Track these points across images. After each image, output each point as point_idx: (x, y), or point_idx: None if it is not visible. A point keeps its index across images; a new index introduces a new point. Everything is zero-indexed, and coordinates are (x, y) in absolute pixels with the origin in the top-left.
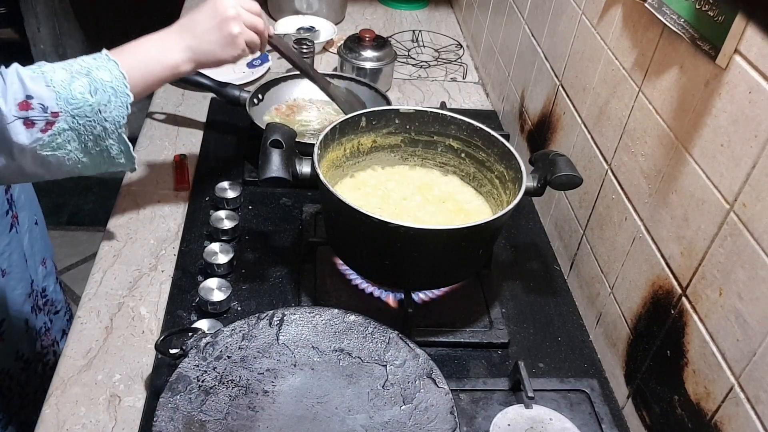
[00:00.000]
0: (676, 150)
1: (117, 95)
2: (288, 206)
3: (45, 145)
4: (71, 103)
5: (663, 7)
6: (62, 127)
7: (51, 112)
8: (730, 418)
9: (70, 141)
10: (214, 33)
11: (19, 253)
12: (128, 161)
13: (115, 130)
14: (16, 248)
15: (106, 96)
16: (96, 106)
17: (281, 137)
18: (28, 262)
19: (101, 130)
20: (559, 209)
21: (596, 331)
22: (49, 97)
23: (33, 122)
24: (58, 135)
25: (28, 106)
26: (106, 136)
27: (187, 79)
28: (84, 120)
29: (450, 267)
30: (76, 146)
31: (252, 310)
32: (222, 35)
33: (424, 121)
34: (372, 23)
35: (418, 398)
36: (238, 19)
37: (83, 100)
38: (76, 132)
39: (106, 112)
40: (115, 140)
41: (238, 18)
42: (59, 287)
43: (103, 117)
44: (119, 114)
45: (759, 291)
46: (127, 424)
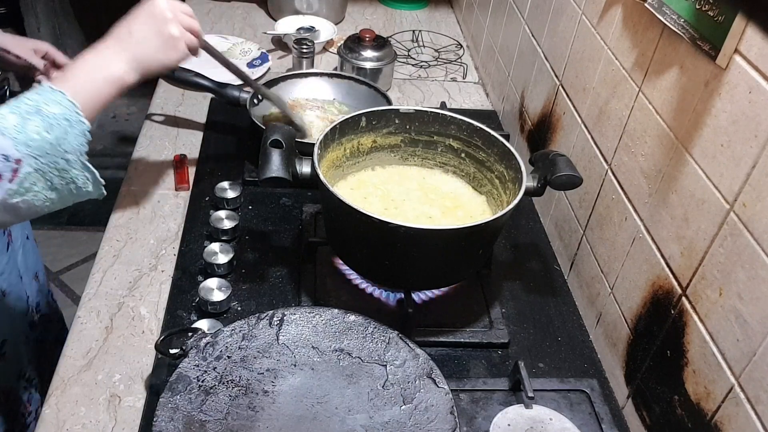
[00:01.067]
0: (676, 150)
1: (72, 125)
2: (288, 206)
3: (14, 193)
4: (30, 146)
5: (663, 7)
6: (27, 171)
7: (14, 159)
8: (730, 418)
9: (36, 182)
10: (154, 38)
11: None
12: (96, 188)
13: (77, 160)
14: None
15: (62, 129)
16: (54, 141)
17: (281, 137)
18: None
19: (64, 163)
20: (559, 209)
21: (596, 331)
22: (7, 145)
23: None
24: (25, 179)
25: None
26: (70, 168)
27: (186, 80)
28: (46, 158)
29: (450, 267)
30: (43, 185)
31: (252, 310)
32: (163, 39)
33: (424, 121)
34: (372, 23)
35: (418, 398)
36: (176, 21)
37: (41, 139)
38: (40, 172)
39: (65, 144)
40: (79, 170)
41: (175, 20)
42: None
43: (63, 150)
44: (78, 143)
45: (759, 291)
46: (127, 424)
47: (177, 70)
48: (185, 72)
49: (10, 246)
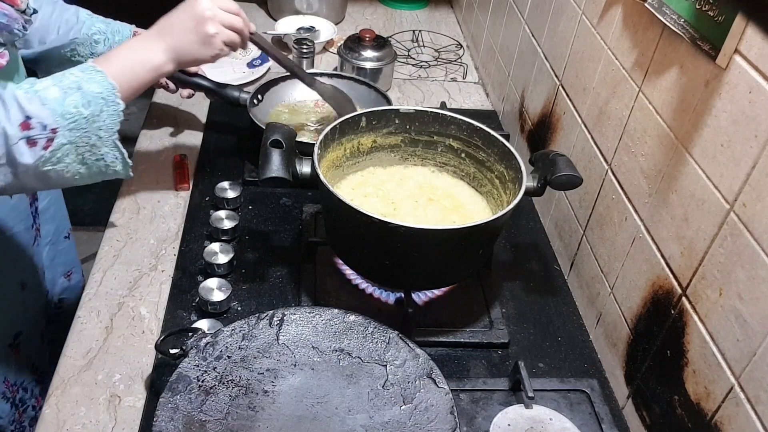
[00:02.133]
0: (676, 150)
1: (108, 104)
2: (288, 206)
3: (47, 161)
4: (67, 118)
5: (663, 7)
6: (61, 142)
7: (50, 129)
8: (730, 418)
9: (69, 154)
10: (191, 34)
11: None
12: (124, 168)
13: (109, 138)
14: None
15: (98, 107)
16: (90, 117)
17: (281, 137)
18: (45, 274)
19: (96, 139)
20: (559, 209)
21: (596, 331)
22: (46, 115)
23: (35, 141)
24: (58, 150)
25: (28, 126)
26: (101, 145)
27: (186, 81)
28: (80, 132)
29: (450, 267)
30: (74, 158)
31: (252, 310)
32: (199, 36)
33: (424, 121)
34: (372, 23)
35: (418, 398)
36: (215, 20)
37: (78, 113)
38: (73, 145)
39: (99, 121)
40: (110, 148)
41: (214, 18)
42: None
43: (97, 127)
44: (112, 122)
45: (759, 291)
46: (127, 424)
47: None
48: (184, 73)
49: (38, 241)
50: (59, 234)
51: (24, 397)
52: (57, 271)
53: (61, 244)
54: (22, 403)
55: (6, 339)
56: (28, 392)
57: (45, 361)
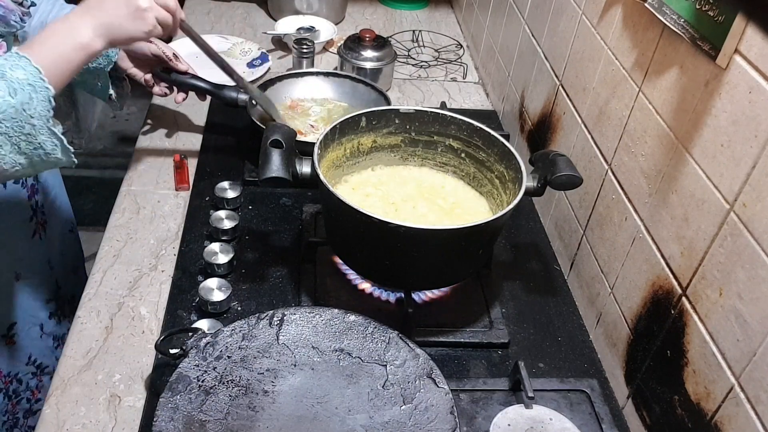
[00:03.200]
0: (676, 150)
1: (36, 90)
2: (288, 206)
3: None
4: None
5: (663, 7)
6: None
7: None
8: (730, 418)
9: (3, 145)
10: (121, 7)
11: (42, 259)
12: (65, 154)
13: (43, 126)
14: (38, 254)
15: (26, 94)
16: (18, 106)
17: (281, 137)
18: (54, 269)
19: (30, 128)
20: (559, 209)
21: (596, 331)
22: None
23: None
24: None
25: None
26: (37, 134)
27: (183, 82)
28: (11, 122)
29: (450, 267)
30: (10, 149)
31: (252, 310)
32: (130, 9)
33: (424, 121)
34: (372, 23)
35: (418, 398)
36: None
37: (5, 103)
38: (5, 135)
39: (30, 110)
40: (46, 136)
41: None
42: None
43: (28, 115)
44: (43, 108)
45: (759, 291)
46: (127, 424)
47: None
48: (182, 75)
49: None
50: (65, 229)
51: (18, 389)
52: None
53: (67, 239)
54: (15, 395)
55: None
56: (22, 384)
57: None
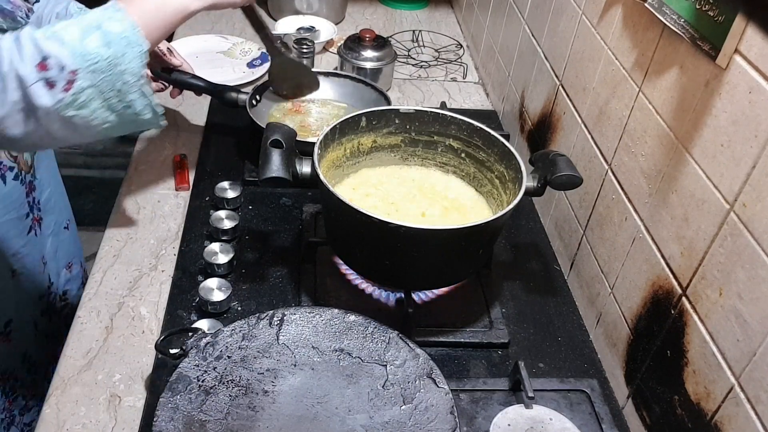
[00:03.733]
0: (676, 150)
1: (131, 45)
2: (288, 206)
3: (68, 105)
4: (87, 59)
5: (663, 7)
6: (82, 86)
7: (69, 70)
8: (730, 418)
9: (93, 99)
10: None
11: (37, 256)
12: (154, 116)
13: (135, 83)
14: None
15: (120, 48)
16: (113, 59)
17: (281, 137)
18: (47, 264)
19: (122, 84)
20: (559, 209)
21: (596, 331)
22: (65, 55)
23: (53, 83)
24: (80, 93)
25: (45, 66)
26: (128, 90)
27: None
28: (102, 75)
29: (450, 267)
30: (100, 104)
31: (252, 310)
32: None
33: (424, 121)
34: (372, 23)
35: (418, 398)
36: None
37: (98, 54)
38: (97, 89)
39: (123, 64)
40: (137, 94)
41: None
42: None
43: (121, 70)
44: (136, 65)
45: (759, 291)
46: (127, 424)
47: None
48: (182, 74)
49: (36, 231)
50: (59, 225)
51: (15, 386)
52: (60, 263)
53: (61, 235)
54: (12, 392)
55: None
56: (19, 381)
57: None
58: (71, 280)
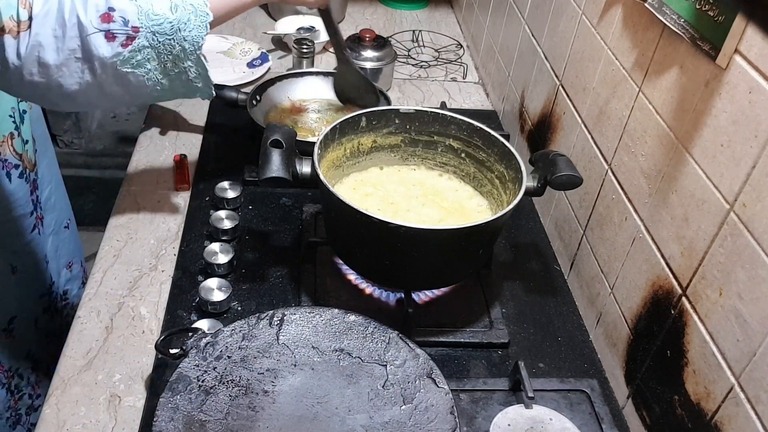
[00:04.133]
0: (677, 150)
1: (197, 14)
2: (288, 206)
3: (125, 61)
4: (152, 19)
5: (663, 7)
6: (142, 44)
7: (132, 26)
8: (730, 418)
9: (150, 60)
10: None
11: (39, 254)
12: (206, 86)
13: (194, 51)
14: (35, 249)
15: (186, 14)
16: (176, 24)
17: (281, 137)
18: (49, 263)
19: (180, 50)
20: (559, 209)
21: (596, 331)
22: (131, 11)
23: (114, 35)
24: (138, 52)
25: (109, 18)
26: (185, 57)
27: None
28: (164, 38)
29: (450, 267)
30: (156, 65)
31: (252, 310)
32: None
33: (424, 121)
34: (372, 23)
35: (418, 398)
36: None
37: (164, 16)
38: (155, 50)
39: (185, 31)
40: (193, 62)
41: None
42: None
43: (182, 36)
44: (198, 34)
45: (759, 291)
46: (127, 424)
47: None
48: None
49: (39, 229)
50: (60, 224)
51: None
52: (60, 262)
53: (61, 234)
54: (18, 390)
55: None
56: (23, 379)
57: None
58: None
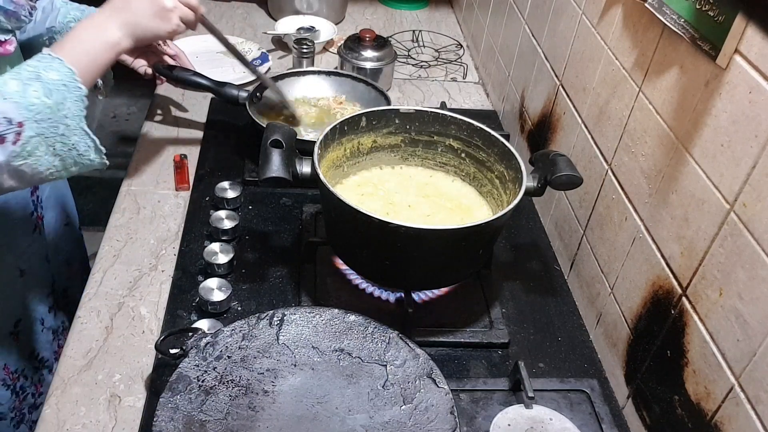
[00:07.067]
0: (677, 150)
1: (70, 90)
2: (288, 206)
3: (17, 155)
4: (31, 110)
5: (663, 7)
6: (29, 135)
7: (16, 122)
8: (730, 418)
9: (39, 146)
10: (147, 7)
11: (41, 253)
12: (97, 155)
13: (77, 126)
14: (38, 249)
15: (60, 94)
16: (54, 106)
17: (281, 137)
18: (51, 262)
19: (65, 128)
20: (559, 209)
21: (596, 331)
22: (10, 109)
23: (3, 137)
24: (27, 143)
25: None
26: (71, 134)
27: (185, 80)
28: (47, 123)
29: (450, 267)
30: (45, 150)
31: (252, 310)
32: (156, 9)
33: (424, 121)
34: (372, 23)
35: (418, 398)
36: None
37: (41, 103)
38: (42, 136)
39: (64, 109)
40: (80, 137)
41: None
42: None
43: (63, 115)
44: (77, 108)
45: (759, 291)
46: (127, 424)
47: (176, 69)
48: (184, 72)
49: (39, 229)
50: (60, 223)
51: (24, 385)
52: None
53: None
54: (22, 391)
55: (6, 326)
56: (28, 380)
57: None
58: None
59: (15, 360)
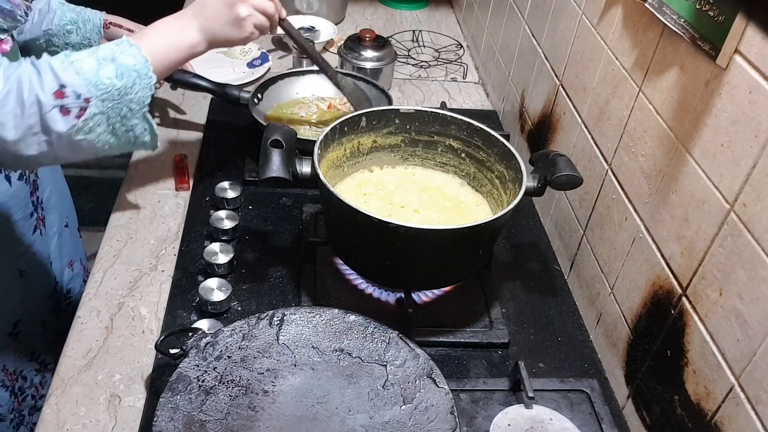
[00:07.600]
0: (677, 150)
1: (141, 77)
2: (288, 206)
3: (79, 130)
4: (101, 89)
5: (663, 7)
6: (93, 112)
7: (84, 98)
8: (730, 418)
9: (100, 124)
10: (223, 15)
11: (43, 255)
12: (152, 139)
13: (139, 110)
14: (39, 250)
15: (131, 79)
16: (123, 89)
17: (281, 137)
18: (53, 264)
19: (127, 111)
20: (559, 209)
21: (596, 331)
22: (80, 84)
23: (69, 109)
24: (90, 119)
25: (62, 94)
26: (132, 117)
27: (186, 81)
28: (112, 103)
29: (450, 267)
30: (105, 128)
31: (252, 310)
32: (230, 18)
33: (425, 121)
34: (372, 23)
35: (418, 398)
36: (247, 3)
37: (111, 84)
38: (105, 115)
39: (131, 94)
40: (140, 120)
41: (246, 1)
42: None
43: (129, 99)
44: (144, 95)
45: (759, 291)
46: (127, 424)
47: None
48: (184, 73)
49: (41, 230)
50: (61, 224)
51: (23, 386)
52: (62, 261)
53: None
54: (21, 392)
55: (6, 327)
56: (27, 381)
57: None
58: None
59: (14, 361)
